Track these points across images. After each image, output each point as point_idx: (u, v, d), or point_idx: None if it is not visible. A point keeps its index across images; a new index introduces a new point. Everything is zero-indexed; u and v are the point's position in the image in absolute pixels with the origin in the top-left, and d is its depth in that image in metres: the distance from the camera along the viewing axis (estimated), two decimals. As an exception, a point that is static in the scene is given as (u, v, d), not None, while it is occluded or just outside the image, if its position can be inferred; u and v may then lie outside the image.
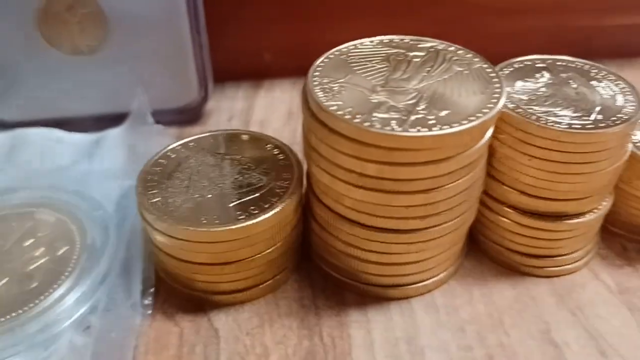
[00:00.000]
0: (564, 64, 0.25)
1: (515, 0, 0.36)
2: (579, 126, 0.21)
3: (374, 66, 0.23)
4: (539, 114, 0.22)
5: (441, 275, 0.24)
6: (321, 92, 0.21)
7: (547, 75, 0.24)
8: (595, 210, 0.24)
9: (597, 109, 0.22)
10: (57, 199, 0.27)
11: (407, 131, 0.19)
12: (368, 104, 0.21)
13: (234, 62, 0.36)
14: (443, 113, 0.20)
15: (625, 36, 0.38)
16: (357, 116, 0.20)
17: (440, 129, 0.19)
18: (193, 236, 0.22)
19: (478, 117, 0.20)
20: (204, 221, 0.22)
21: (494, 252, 0.25)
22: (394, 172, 0.20)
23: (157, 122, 0.32)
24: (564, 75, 0.24)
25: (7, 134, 0.31)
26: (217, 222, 0.22)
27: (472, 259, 0.26)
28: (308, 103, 0.21)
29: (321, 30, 0.35)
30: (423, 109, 0.20)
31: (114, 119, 0.31)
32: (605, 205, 0.24)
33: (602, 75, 0.24)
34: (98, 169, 0.29)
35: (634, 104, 0.22)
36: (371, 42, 0.24)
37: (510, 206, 0.24)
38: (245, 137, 0.26)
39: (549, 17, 0.37)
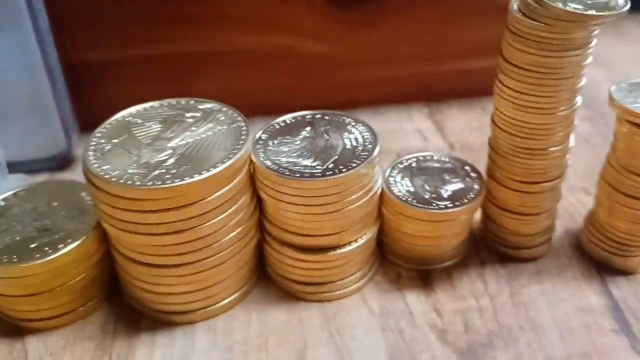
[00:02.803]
0: (328, 117, 0.29)
1: (359, 53, 0.40)
2: (308, 175, 0.25)
3: (151, 126, 0.27)
4: (282, 165, 0.26)
5: (224, 302, 0.28)
6: (92, 153, 0.25)
7: (308, 129, 0.28)
8: (353, 243, 0.28)
9: (334, 158, 0.26)
10: None
11: (145, 185, 0.24)
12: (127, 161, 0.25)
13: (107, 114, 0.40)
14: (183, 168, 0.24)
15: (462, 80, 0.41)
16: (112, 172, 0.24)
17: (172, 182, 0.24)
18: (-2, 273, 0.26)
19: (209, 171, 0.24)
20: (5, 260, 0.26)
21: (277, 281, 0.29)
22: (142, 218, 0.24)
23: (29, 170, 0.36)
24: (322, 128, 0.28)
25: None
26: (15, 260, 0.26)
27: (261, 287, 0.29)
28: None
29: (183, 85, 0.40)
30: (168, 165, 0.25)
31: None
32: (366, 236, 0.28)
33: (356, 127, 0.28)
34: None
35: (366, 154, 0.26)
36: (160, 104, 0.28)
37: (282, 242, 0.28)
38: (66, 185, 0.30)
39: (390, 66, 0.41)
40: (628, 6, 0.23)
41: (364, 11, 0.39)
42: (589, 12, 0.22)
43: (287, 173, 0.25)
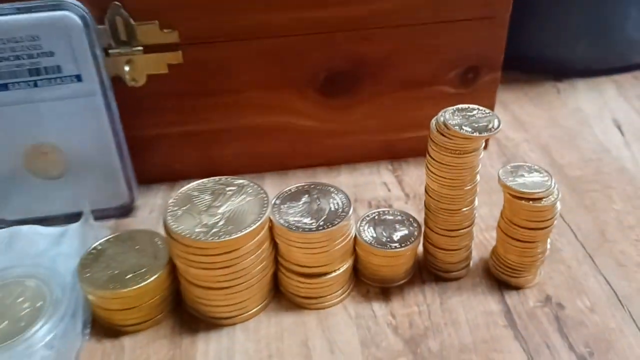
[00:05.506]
0: (319, 187, 0.43)
1: (340, 126, 0.55)
2: (307, 229, 0.40)
3: (204, 198, 0.41)
4: (290, 222, 0.40)
5: (253, 310, 0.42)
6: (170, 216, 0.39)
7: (306, 196, 0.42)
8: (336, 271, 0.42)
9: (323, 217, 0.40)
10: (37, 272, 0.45)
11: (208, 239, 0.38)
12: (193, 223, 0.39)
13: (157, 171, 0.55)
14: (229, 227, 0.39)
15: (417, 144, 0.56)
16: (184, 231, 0.38)
17: (224, 237, 0.38)
18: (106, 296, 0.40)
19: (245, 230, 0.38)
20: (111, 287, 0.40)
21: (287, 296, 0.43)
22: (203, 259, 0.38)
23: (102, 217, 0.50)
24: (315, 195, 0.42)
25: (7, 230, 0.49)
26: (118, 287, 0.40)
27: (277, 301, 0.44)
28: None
29: (212, 152, 0.54)
30: (220, 225, 0.39)
31: (76, 217, 0.50)
32: (345, 266, 0.42)
33: (337, 195, 0.42)
34: (63, 252, 0.47)
35: (344, 214, 0.41)
36: (208, 180, 0.43)
37: (290, 270, 0.42)
38: (141, 233, 0.44)
39: (364, 135, 0.56)
40: (500, 127, 0.38)
41: (344, 98, 0.53)
42: (474, 135, 0.37)
43: (293, 228, 0.40)
